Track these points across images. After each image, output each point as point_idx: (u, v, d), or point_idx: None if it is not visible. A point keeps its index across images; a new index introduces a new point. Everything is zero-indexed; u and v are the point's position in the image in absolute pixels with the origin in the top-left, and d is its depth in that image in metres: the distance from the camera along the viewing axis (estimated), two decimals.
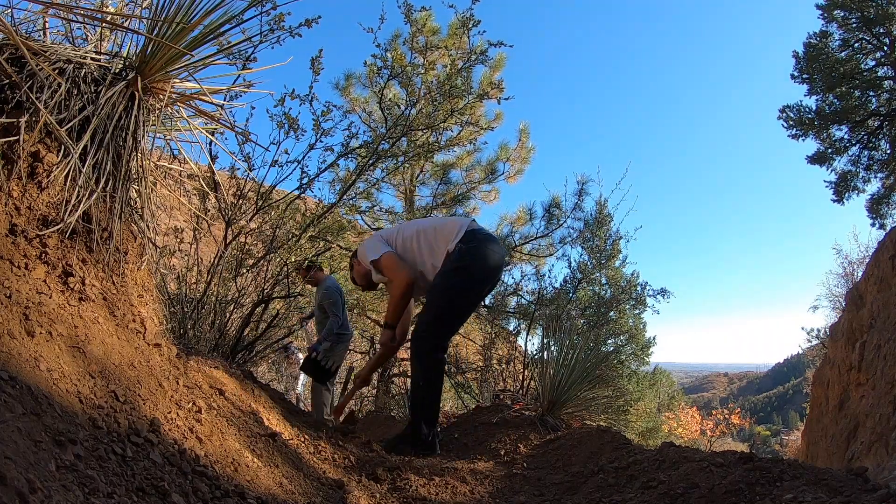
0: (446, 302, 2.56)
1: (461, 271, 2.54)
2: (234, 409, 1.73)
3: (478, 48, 4.95)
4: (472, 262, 2.55)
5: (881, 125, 12.56)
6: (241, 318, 3.51)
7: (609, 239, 8.27)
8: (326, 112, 3.66)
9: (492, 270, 2.63)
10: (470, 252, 2.55)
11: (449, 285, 2.55)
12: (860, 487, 1.34)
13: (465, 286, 2.57)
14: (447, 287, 2.56)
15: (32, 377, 0.99)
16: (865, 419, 5.58)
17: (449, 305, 2.56)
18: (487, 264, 2.59)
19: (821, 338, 14.34)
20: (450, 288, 2.55)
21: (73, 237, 1.29)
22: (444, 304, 2.56)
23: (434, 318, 2.56)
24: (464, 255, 2.54)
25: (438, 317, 2.56)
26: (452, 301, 2.56)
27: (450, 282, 2.55)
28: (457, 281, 2.54)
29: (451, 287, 2.55)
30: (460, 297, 2.58)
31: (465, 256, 2.54)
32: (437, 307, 2.57)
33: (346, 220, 6.59)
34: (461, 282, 2.55)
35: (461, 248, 2.55)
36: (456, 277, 2.54)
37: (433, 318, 2.56)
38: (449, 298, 2.56)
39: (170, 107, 1.61)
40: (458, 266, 2.54)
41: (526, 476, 2.04)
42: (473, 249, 2.56)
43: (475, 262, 2.56)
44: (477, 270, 2.57)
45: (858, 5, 11.84)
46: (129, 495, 0.94)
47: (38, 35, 1.42)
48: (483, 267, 2.58)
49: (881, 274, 6.24)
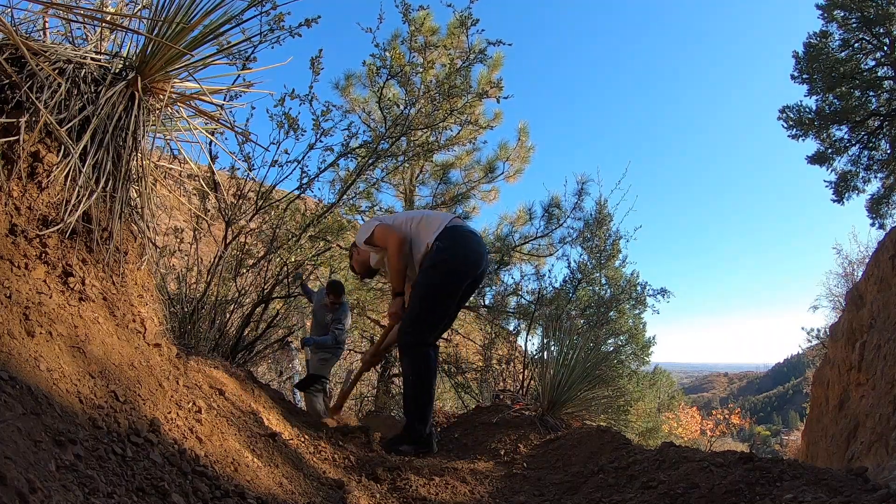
0: (425, 300, 2.60)
1: (438, 268, 2.59)
2: (234, 409, 1.73)
3: (476, 47, 4.95)
4: (447, 259, 2.59)
5: (881, 125, 12.56)
6: (241, 318, 3.51)
7: (609, 239, 8.27)
8: (326, 112, 3.66)
9: (469, 267, 2.65)
10: (446, 249, 2.60)
11: (427, 283, 2.60)
12: (860, 487, 1.34)
13: (443, 283, 2.60)
14: (426, 284, 2.61)
15: (32, 377, 0.99)
16: (865, 419, 5.58)
17: (428, 303, 2.61)
18: (464, 261, 2.63)
19: (821, 338, 14.33)
20: (428, 286, 2.60)
21: (73, 237, 1.29)
22: (423, 302, 2.61)
23: (416, 316, 2.60)
24: (440, 252, 2.59)
25: (420, 314, 2.60)
26: (431, 298, 2.60)
27: (428, 279, 2.60)
28: (434, 278, 2.59)
29: (428, 285, 2.60)
30: (439, 294, 2.61)
31: (440, 253, 2.59)
32: (417, 305, 2.62)
33: (346, 220, 6.59)
34: (438, 279, 2.59)
35: (438, 246, 2.61)
36: (433, 275, 2.59)
37: (415, 317, 2.61)
38: (427, 296, 2.60)
39: (170, 107, 1.61)
40: (434, 263, 2.59)
41: (526, 476, 2.04)
42: (449, 248, 2.60)
43: (451, 259, 2.60)
44: (453, 267, 2.61)
45: (858, 5, 11.84)
46: (129, 495, 0.94)
47: (38, 35, 1.42)
48: (460, 264, 2.62)
49: (881, 274, 6.24)
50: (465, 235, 2.70)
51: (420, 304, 2.61)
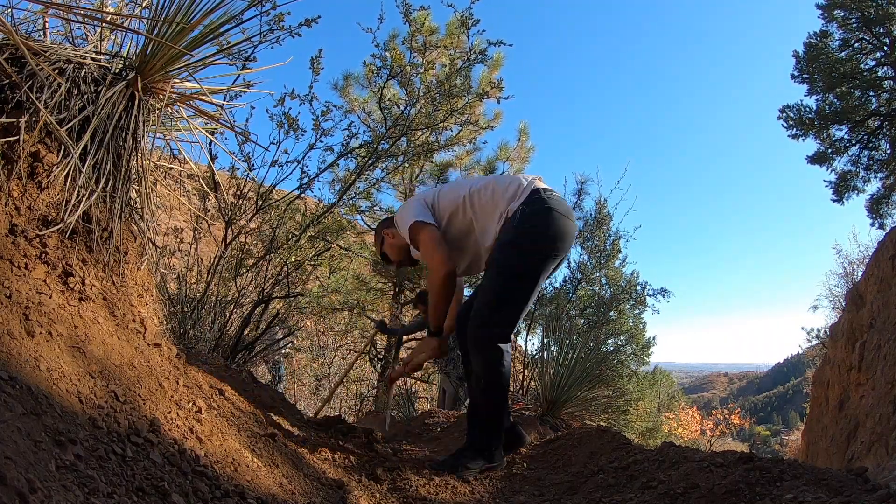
0: (506, 281, 2.06)
1: (525, 241, 2.04)
2: (234, 409, 1.73)
3: (477, 47, 4.95)
4: (539, 229, 2.04)
5: (881, 125, 12.57)
6: (241, 318, 3.51)
7: (608, 238, 8.28)
8: (326, 112, 3.67)
9: (565, 241, 2.10)
10: (537, 216, 2.04)
11: (510, 260, 2.05)
12: (860, 487, 1.34)
13: (532, 261, 2.06)
14: (508, 263, 2.06)
15: (32, 377, 0.99)
16: (865, 419, 5.58)
17: (511, 287, 2.06)
18: (559, 232, 2.07)
19: (821, 338, 14.34)
20: (511, 265, 2.05)
21: (73, 237, 1.29)
22: (503, 283, 2.05)
23: (492, 302, 2.05)
24: (528, 220, 2.04)
25: (499, 301, 2.04)
26: (514, 279, 2.06)
27: (510, 256, 2.06)
28: (519, 254, 2.05)
29: (512, 263, 2.05)
30: (526, 274, 2.06)
31: (528, 221, 2.04)
32: (495, 288, 2.07)
33: (345, 220, 6.60)
34: (526, 255, 2.06)
35: (523, 212, 2.05)
36: (519, 250, 2.05)
37: (490, 302, 2.05)
38: (510, 276, 2.06)
39: (170, 107, 1.61)
40: (520, 234, 2.04)
41: (526, 476, 2.04)
42: (541, 214, 2.05)
43: (543, 229, 2.04)
44: (544, 240, 2.05)
45: (858, 5, 11.84)
46: (129, 495, 0.94)
47: (38, 35, 1.42)
48: (554, 235, 2.06)
49: (881, 274, 6.24)
50: (558, 200, 2.13)
51: (501, 287, 2.05)
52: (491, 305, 2.05)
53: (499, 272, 2.07)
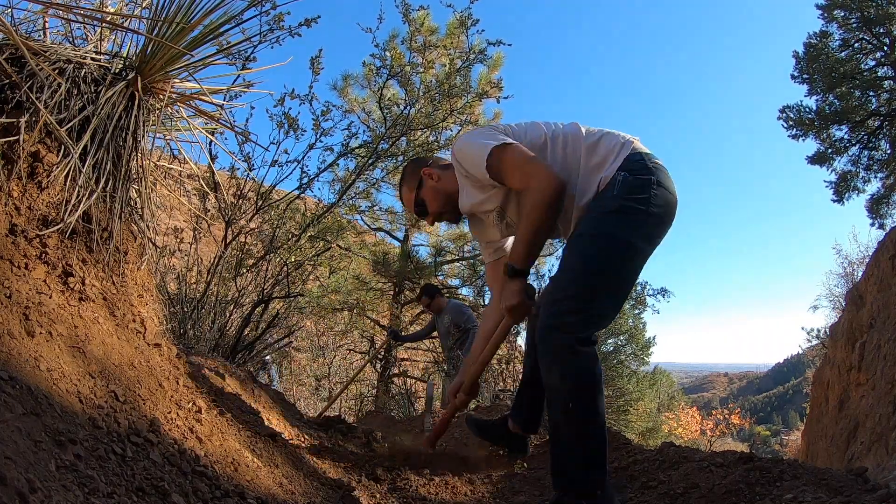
0: (602, 265, 1.53)
1: (629, 216, 1.54)
2: (234, 409, 1.73)
3: (476, 47, 4.95)
4: (646, 201, 1.54)
5: (881, 125, 12.57)
6: (241, 318, 3.51)
7: None
8: (326, 112, 3.67)
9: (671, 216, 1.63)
10: (643, 186, 1.55)
11: (606, 238, 1.54)
12: (860, 487, 1.34)
13: (634, 239, 1.55)
14: (602, 241, 1.54)
15: (32, 377, 0.99)
16: (865, 419, 5.58)
17: (608, 270, 1.53)
18: (667, 206, 1.59)
19: (821, 338, 14.33)
20: (607, 244, 1.54)
21: (73, 237, 1.29)
22: (597, 268, 1.52)
23: (580, 293, 1.50)
24: (633, 189, 1.55)
25: (589, 289, 1.51)
26: (614, 262, 1.54)
27: (607, 232, 1.54)
28: (620, 230, 1.54)
29: (608, 242, 1.54)
30: (627, 256, 1.55)
31: (634, 192, 1.55)
32: (584, 275, 1.53)
33: (345, 219, 6.60)
34: (628, 231, 1.54)
35: (625, 179, 1.56)
36: (618, 226, 1.54)
37: (578, 294, 1.50)
38: (610, 257, 1.53)
39: (170, 107, 1.61)
40: (622, 206, 1.54)
41: (526, 476, 2.04)
42: (648, 183, 1.56)
43: (651, 200, 1.55)
44: (653, 216, 1.56)
45: (858, 5, 11.85)
46: (129, 495, 0.94)
47: (38, 35, 1.42)
48: (663, 209, 1.58)
49: (881, 274, 6.24)
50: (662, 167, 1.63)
51: (595, 269, 1.52)
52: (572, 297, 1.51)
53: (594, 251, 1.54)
